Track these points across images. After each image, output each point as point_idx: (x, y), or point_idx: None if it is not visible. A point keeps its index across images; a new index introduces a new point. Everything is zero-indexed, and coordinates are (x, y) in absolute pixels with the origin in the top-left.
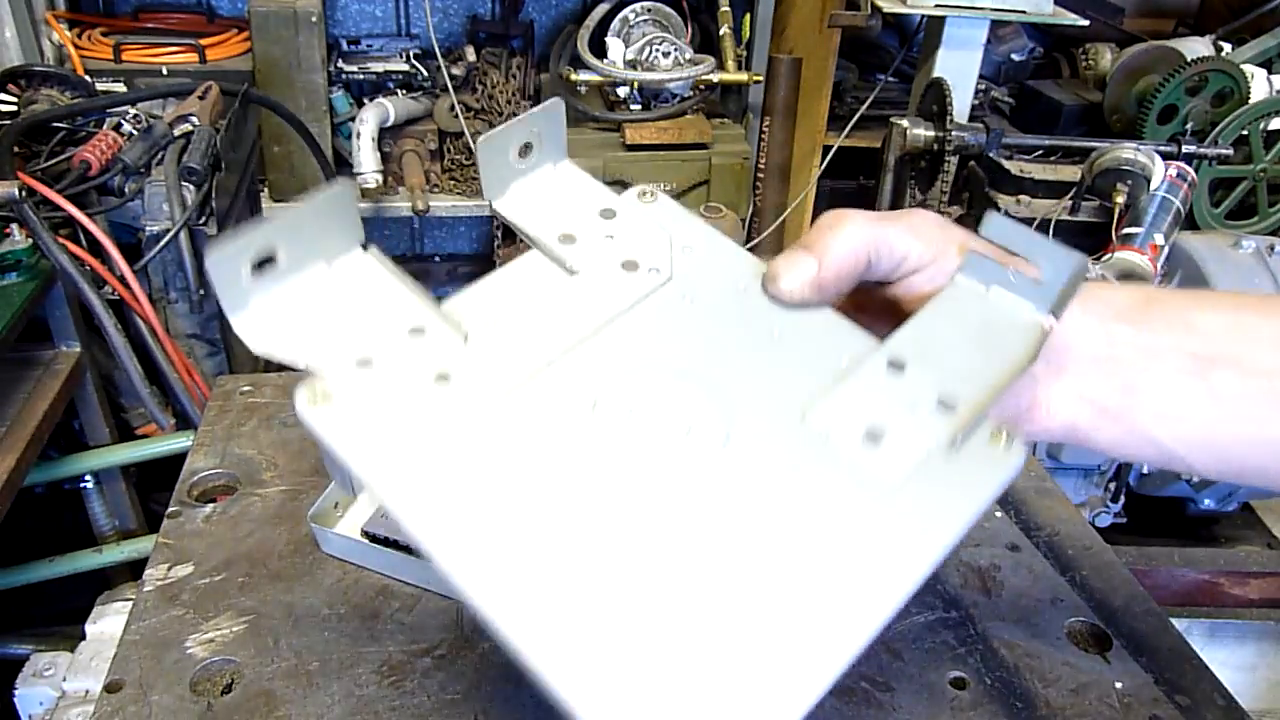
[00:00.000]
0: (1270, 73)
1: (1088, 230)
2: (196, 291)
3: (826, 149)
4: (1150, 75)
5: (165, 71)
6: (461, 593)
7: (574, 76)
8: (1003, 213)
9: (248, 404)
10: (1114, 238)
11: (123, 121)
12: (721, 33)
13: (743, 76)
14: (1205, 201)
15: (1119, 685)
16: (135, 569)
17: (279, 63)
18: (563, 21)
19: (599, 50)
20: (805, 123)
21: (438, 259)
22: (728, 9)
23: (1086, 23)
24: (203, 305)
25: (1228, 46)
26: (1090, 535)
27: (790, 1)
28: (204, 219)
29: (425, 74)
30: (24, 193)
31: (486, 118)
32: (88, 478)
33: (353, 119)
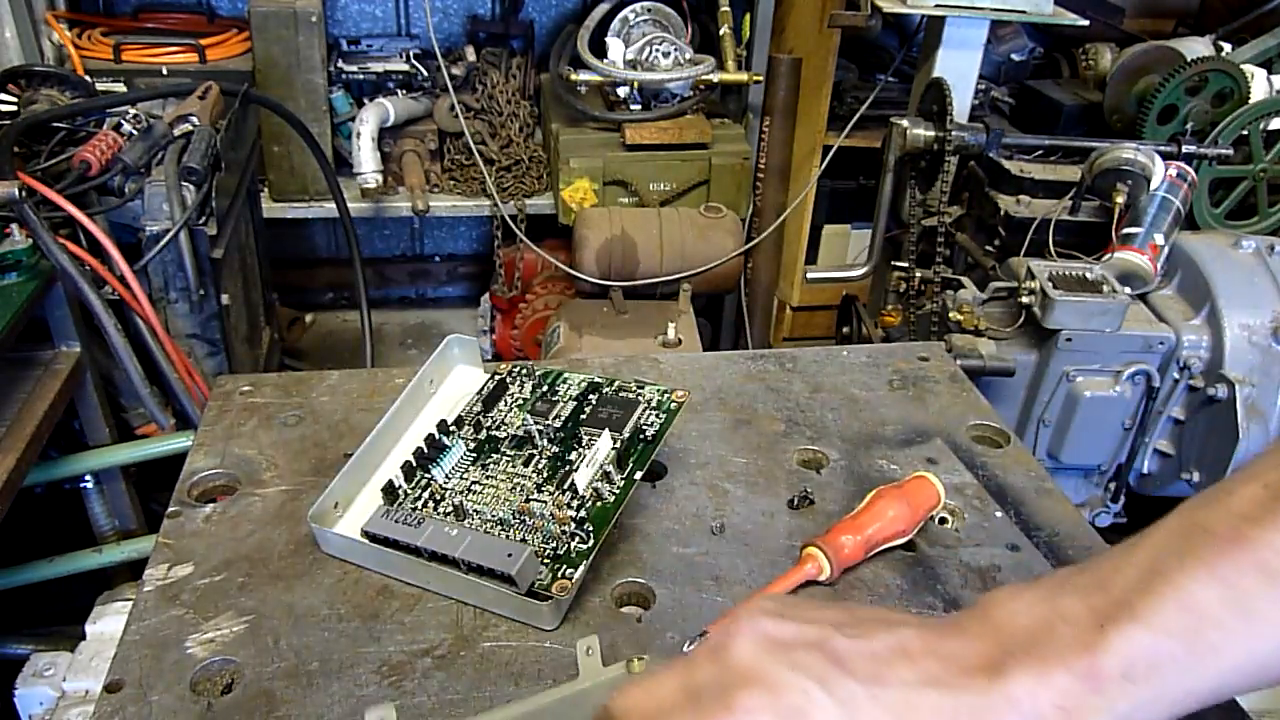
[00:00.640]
0: (1270, 73)
1: (1088, 230)
2: (196, 291)
3: (826, 149)
4: (1150, 75)
5: (165, 71)
6: None
7: (574, 76)
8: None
9: (248, 404)
10: (1114, 238)
11: (123, 121)
12: (721, 33)
13: (743, 76)
14: (1205, 201)
15: None
16: (135, 569)
17: (279, 63)
18: (563, 21)
19: (599, 50)
20: (805, 123)
21: (438, 259)
22: (728, 9)
23: (1086, 23)
24: (203, 305)
25: (1228, 46)
26: (1090, 535)
27: (790, 1)
28: (204, 219)
29: (425, 74)
30: (24, 193)
31: (486, 118)
32: (88, 478)
33: (353, 119)
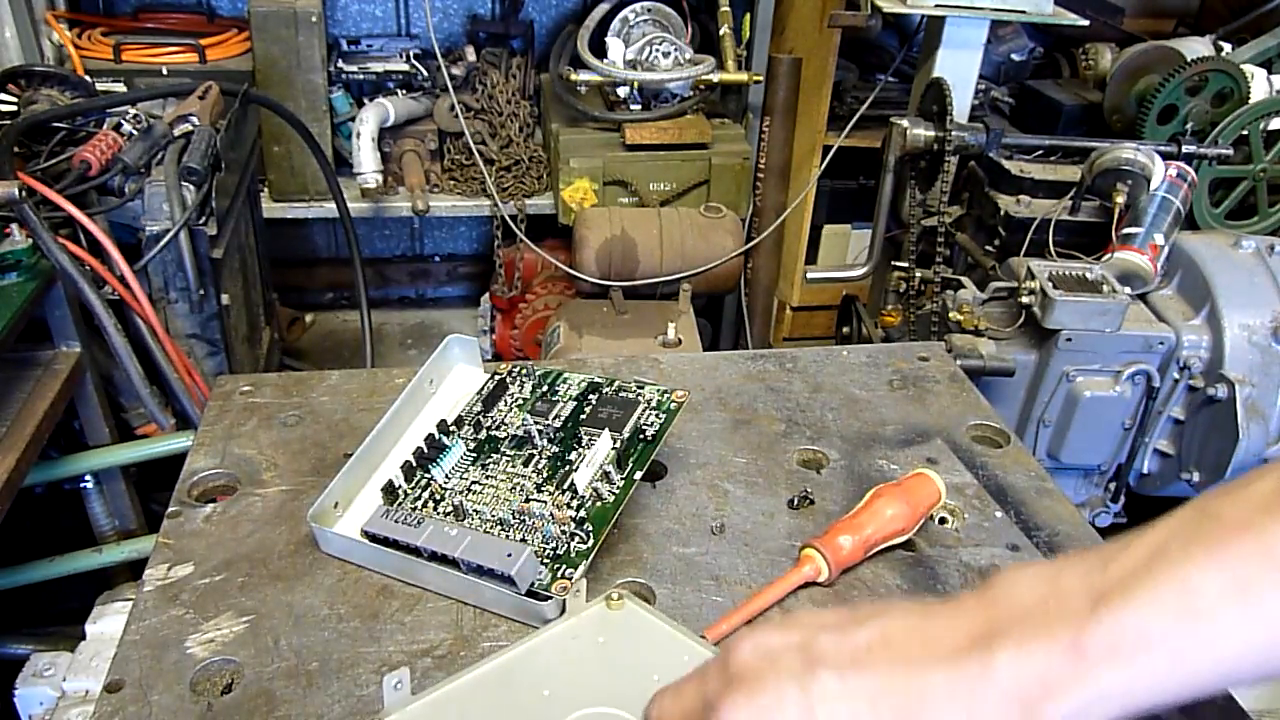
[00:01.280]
0: (1270, 73)
1: (1088, 230)
2: (196, 291)
3: (826, 149)
4: (1150, 75)
5: (165, 71)
6: None
7: (574, 76)
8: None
9: (248, 404)
10: (1114, 238)
11: (123, 121)
12: (721, 33)
13: (743, 76)
14: (1205, 201)
15: None
16: (135, 569)
17: (279, 63)
18: (563, 21)
19: (599, 50)
20: (805, 123)
21: (437, 259)
22: (728, 9)
23: (1086, 23)
24: (203, 305)
25: (1228, 46)
26: (1090, 535)
27: (790, 1)
28: (204, 219)
29: (425, 74)
30: (24, 193)
31: (486, 118)
32: (88, 478)
33: (353, 119)
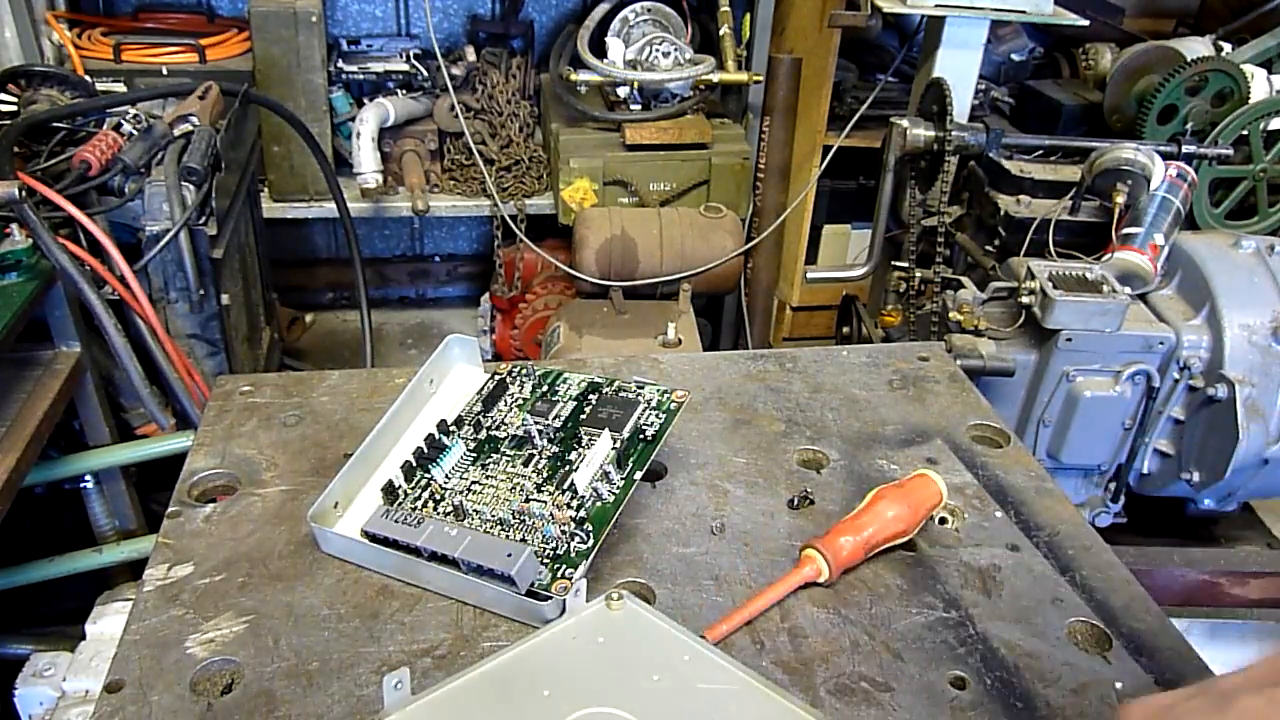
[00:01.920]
0: (1270, 73)
1: (1088, 230)
2: (196, 291)
3: (826, 149)
4: (1150, 75)
5: (165, 71)
6: None
7: (574, 76)
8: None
9: (248, 404)
10: (1114, 238)
11: (123, 121)
12: (721, 33)
13: (743, 76)
14: (1205, 201)
15: (1119, 685)
16: (135, 569)
17: (279, 63)
18: (563, 21)
19: (599, 50)
20: (805, 123)
21: (437, 259)
22: (728, 9)
23: (1086, 23)
24: (203, 305)
25: (1228, 46)
26: (1090, 535)
27: (790, 1)
28: (204, 219)
29: (425, 74)
30: (24, 193)
31: (486, 118)
32: (88, 478)
33: (353, 119)
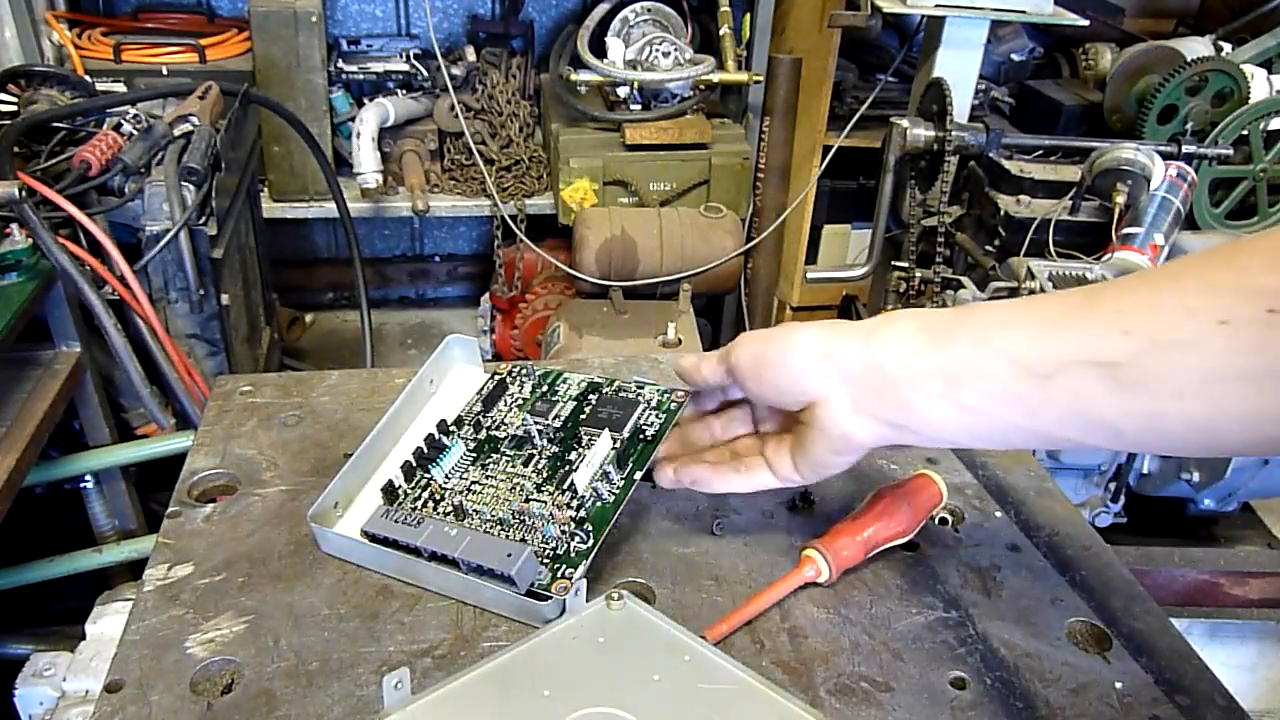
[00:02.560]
0: (1270, 73)
1: (1088, 230)
2: (196, 291)
3: (826, 149)
4: (1150, 75)
5: (165, 71)
6: None
7: (574, 76)
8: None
9: (248, 404)
10: (1114, 238)
11: (123, 121)
12: (721, 33)
13: (743, 76)
14: (1205, 201)
15: (1119, 685)
16: (135, 569)
17: (279, 63)
18: (563, 21)
19: (599, 50)
20: (805, 123)
21: (437, 259)
22: (728, 9)
23: (1086, 23)
24: (203, 305)
25: (1228, 46)
26: (1090, 535)
27: (790, 1)
28: (204, 219)
29: (425, 74)
30: (24, 193)
31: (486, 118)
32: (88, 478)
33: (353, 119)
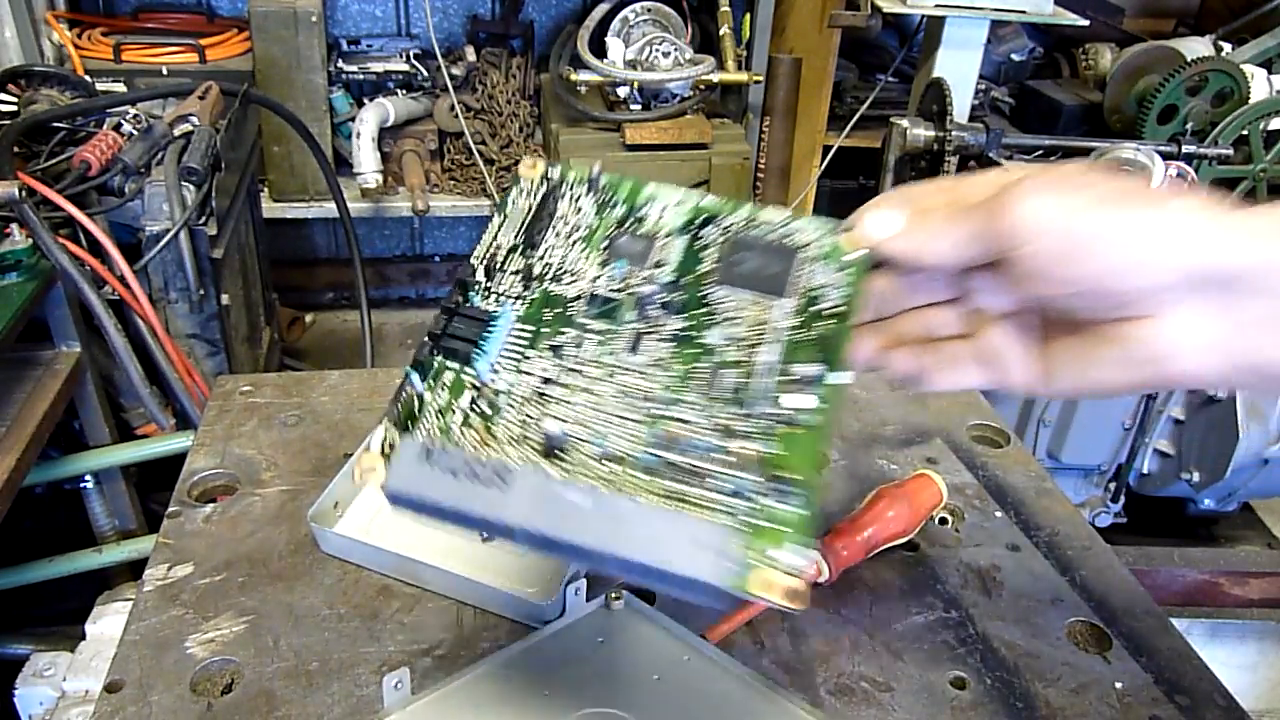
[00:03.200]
0: (1270, 73)
1: None
2: (196, 291)
3: (826, 149)
4: (1150, 75)
5: (165, 71)
6: None
7: (574, 76)
8: None
9: (248, 404)
10: None
11: (123, 121)
12: (721, 33)
13: (743, 76)
14: None
15: (1119, 685)
16: (135, 569)
17: (279, 63)
18: (563, 21)
19: (599, 50)
20: (805, 123)
21: (438, 259)
22: (728, 9)
23: (1086, 23)
24: (202, 305)
25: (1228, 46)
26: (1090, 535)
27: (790, 1)
28: (204, 219)
29: (425, 74)
30: (24, 193)
31: (486, 118)
32: (88, 478)
33: (353, 119)
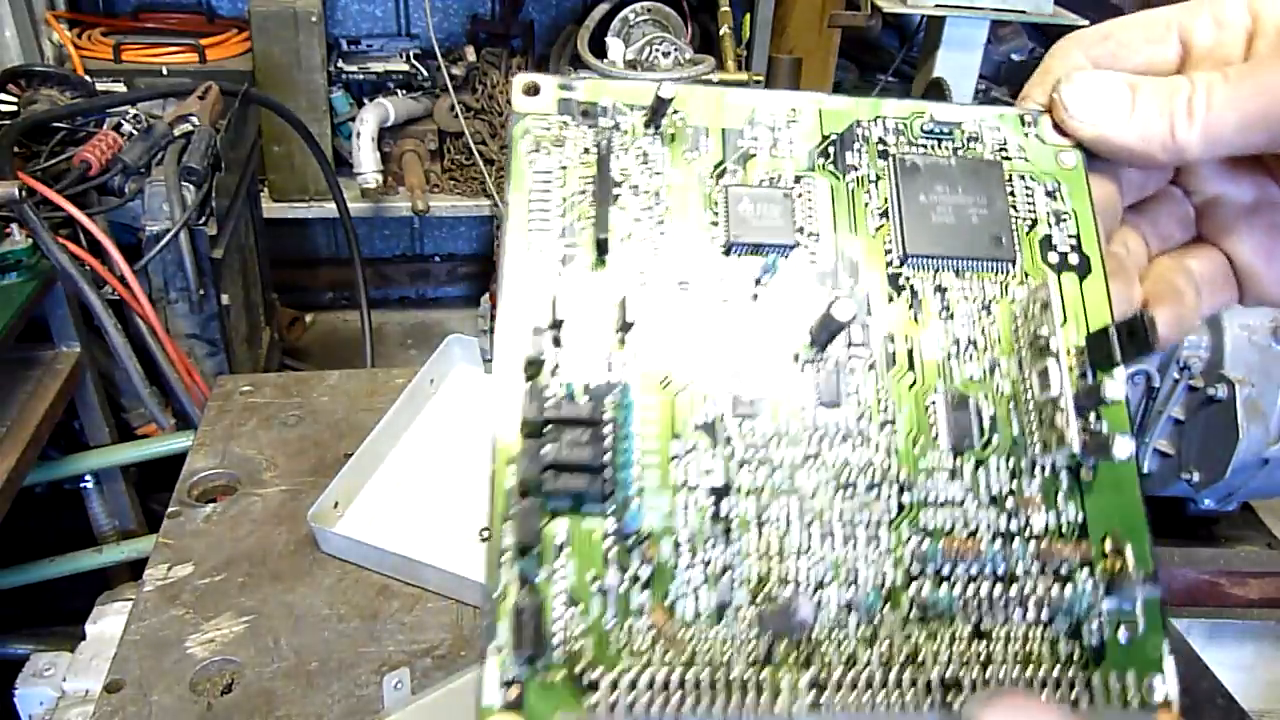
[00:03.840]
0: None
1: None
2: (196, 291)
3: None
4: None
5: (165, 71)
6: None
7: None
8: None
9: (248, 404)
10: None
11: (123, 121)
12: (721, 33)
13: (743, 76)
14: None
15: None
16: (135, 569)
17: (279, 63)
18: (563, 21)
19: (599, 50)
20: None
21: (438, 259)
22: (728, 9)
23: (1086, 23)
24: (203, 305)
25: None
26: None
27: (790, 1)
28: (204, 219)
29: (425, 74)
30: (24, 193)
31: (486, 118)
32: (88, 478)
33: (353, 119)
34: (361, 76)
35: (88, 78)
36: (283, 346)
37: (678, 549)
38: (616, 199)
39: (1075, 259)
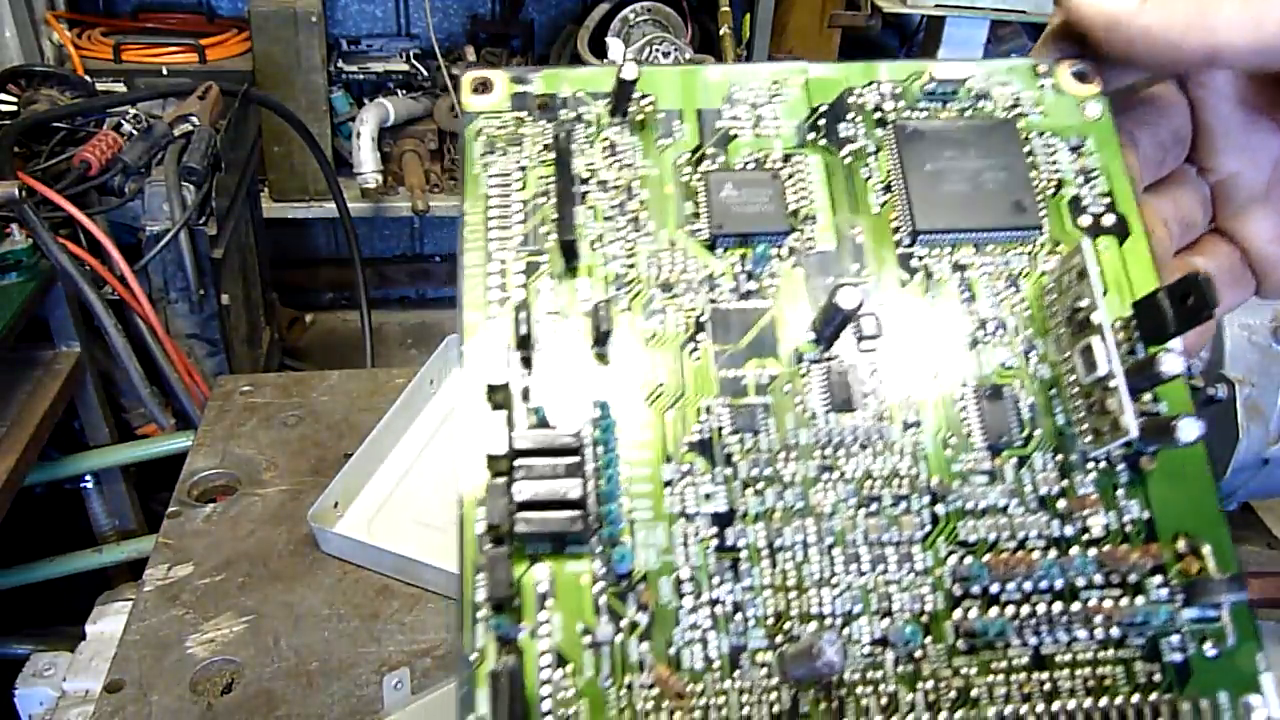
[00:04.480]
0: None
1: None
2: (196, 291)
3: None
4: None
5: (165, 71)
6: None
7: None
8: None
9: (248, 404)
10: None
11: (123, 121)
12: (721, 33)
13: None
14: None
15: None
16: (135, 569)
17: (279, 63)
18: (563, 21)
19: (599, 50)
20: None
21: (438, 259)
22: (728, 9)
23: None
24: (203, 305)
25: None
26: None
27: (790, 1)
28: (204, 219)
29: (425, 74)
30: (24, 193)
31: None
32: (88, 478)
33: (353, 119)
34: (361, 76)
35: (88, 78)
36: (283, 346)
37: (679, 589)
38: (584, 197)
39: (1110, 220)
